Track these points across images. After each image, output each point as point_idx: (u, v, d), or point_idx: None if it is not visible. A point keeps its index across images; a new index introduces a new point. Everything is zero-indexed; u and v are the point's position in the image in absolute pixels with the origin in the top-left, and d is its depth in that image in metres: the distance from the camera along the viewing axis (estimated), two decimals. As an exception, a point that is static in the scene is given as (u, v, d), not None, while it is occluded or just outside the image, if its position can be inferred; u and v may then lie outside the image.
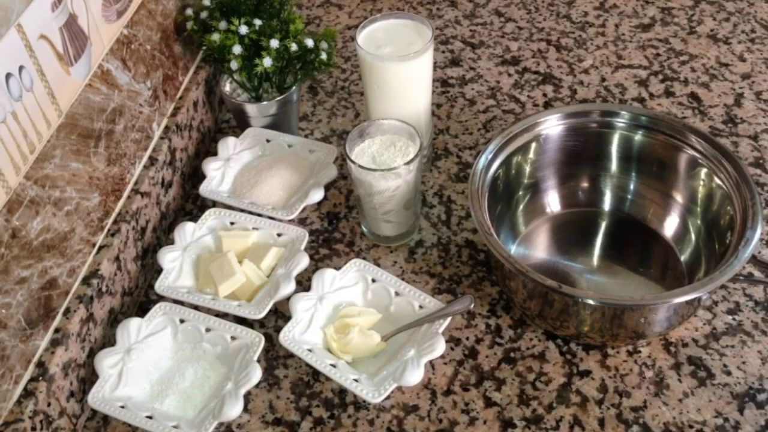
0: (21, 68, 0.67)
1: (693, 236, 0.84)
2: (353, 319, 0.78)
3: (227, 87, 1.00)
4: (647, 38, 1.16)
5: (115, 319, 0.82)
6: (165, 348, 0.79)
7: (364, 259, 0.85)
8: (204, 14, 0.97)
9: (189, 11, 0.97)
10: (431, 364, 0.78)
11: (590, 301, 0.71)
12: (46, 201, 0.71)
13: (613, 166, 0.89)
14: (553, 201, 0.91)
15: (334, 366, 0.75)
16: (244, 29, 0.92)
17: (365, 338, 0.77)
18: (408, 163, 0.81)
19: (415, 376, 0.72)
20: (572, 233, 0.89)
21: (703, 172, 0.82)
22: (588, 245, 0.88)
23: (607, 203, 0.90)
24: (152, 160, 0.90)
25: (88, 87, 0.78)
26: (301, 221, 0.93)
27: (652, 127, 0.85)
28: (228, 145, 0.97)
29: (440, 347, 0.74)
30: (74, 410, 0.74)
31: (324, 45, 0.95)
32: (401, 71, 0.85)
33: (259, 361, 0.76)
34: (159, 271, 0.84)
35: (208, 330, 0.78)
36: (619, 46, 1.15)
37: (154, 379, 0.77)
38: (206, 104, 1.03)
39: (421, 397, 0.76)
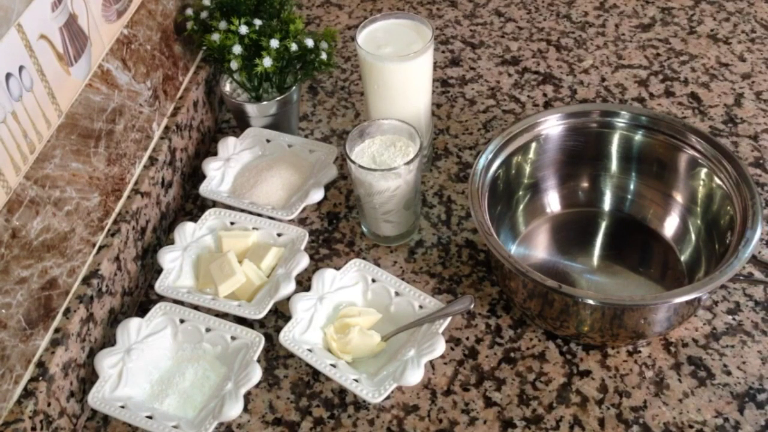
0: (21, 68, 0.67)
1: (693, 236, 0.84)
2: (353, 319, 0.78)
3: (227, 87, 1.00)
4: (647, 38, 1.16)
5: (115, 319, 0.82)
6: (165, 348, 0.79)
7: (364, 259, 0.85)
8: (204, 14, 0.97)
9: (189, 11, 0.97)
10: (431, 364, 0.78)
11: (590, 301, 0.71)
12: (46, 201, 0.71)
13: (613, 166, 0.89)
14: (553, 201, 0.91)
15: (334, 366, 0.75)
16: (244, 29, 0.92)
17: (365, 338, 0.77)
18: (408, 163, 0.81)
19: (415, 376, 0.72)
20: (572, 233, 0.89)
21: (703, 172, 0.82)
22: (588, 245, 0.88)
23: (607, 203, 0.90)
24: (152, 160, 0.90)
25: (88, 87, 0.78)
26: (301, 221, 0.93)
27: (652, 127, 0.85)
28: (228, 145, 0.97)
29: (440, 347, 0.74)
30: (74, 410, 0.74)
31: (324, 45, 0.95)
32: (401, 71, 0.85)
33: (259, 361, 0.76)
34: (159, 271, 0.84)
35: (208, 330, 0.78)
36: (619, 46, 1.15)
37: (154, 379, 0.77)
38: (206, 104, 1.03)
39: (421, 397, 0.76)
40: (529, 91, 1.08)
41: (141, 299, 0.87)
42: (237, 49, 0.92)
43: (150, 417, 0.72)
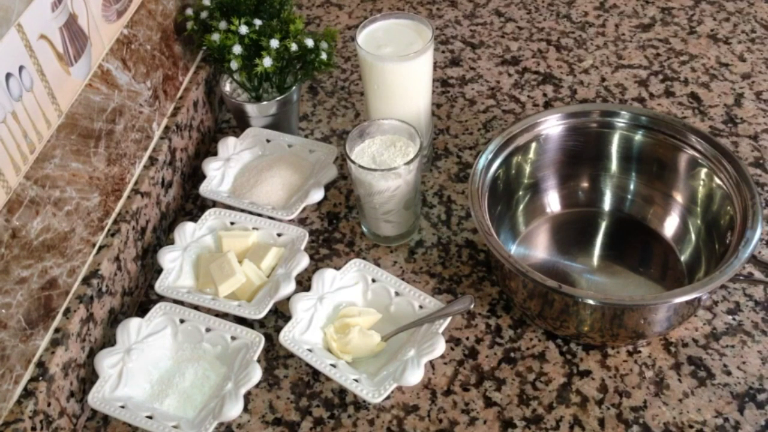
0: (21, 68, 0.67)
1: (693, 236, 0.84)
2: (353, 319, 0.78)
3: (227, 87, 1.00)
4: (647, 38, 1.16)
5: (115, 319, 0.82)
6: (165, 348, 0.79)
7: (364, 259, 0.85)
8: (204, 14, 0.97)
9: (189, 11, 0.97)
10: (431, 364, 0.78)
11: (590, 301, 0.71)
12: (46, 201, 0.71)
13: (613, 166, 0.89)
14: (553, 201, 0.91)
15: (334, 366, 0.75)
16: (244, 29, 0.92)
17: (365, 338, 0.77)
18: (408, 163, 0.81)
19: (415, 376, 0.72)
20: (572, 233, 0.89)
21: (703, 172, 0.82)
22: (588, 245, 0.88)
23: (607, 203, 0.90)
24: (152, 160, 0.90)
25: (88, 87, 0.78)
26: (301, 221, 0.93)
27: (652, 127, 0.85)
28: (228, 145, 0.97)
29: (440, 347, 0.74)
30: (74, 410, 0.74)
31: (324, 45, 0.95)
32: (401, 71, 0.85)
33: (259, 361, 0.76)
34: (159, 271, 0.84)
35: (208, 330, 0.78)
36: (619, 46, 1.15)
37: (154, 379, 0.77)
38: (206, 104, 1.03)
39: (421, 397, 0.76)
40: (529, 91, 1.08)
41: (141, 299, 0.87)
42: (237, 49, 0.92)
43: (150, 417, 0.72)
